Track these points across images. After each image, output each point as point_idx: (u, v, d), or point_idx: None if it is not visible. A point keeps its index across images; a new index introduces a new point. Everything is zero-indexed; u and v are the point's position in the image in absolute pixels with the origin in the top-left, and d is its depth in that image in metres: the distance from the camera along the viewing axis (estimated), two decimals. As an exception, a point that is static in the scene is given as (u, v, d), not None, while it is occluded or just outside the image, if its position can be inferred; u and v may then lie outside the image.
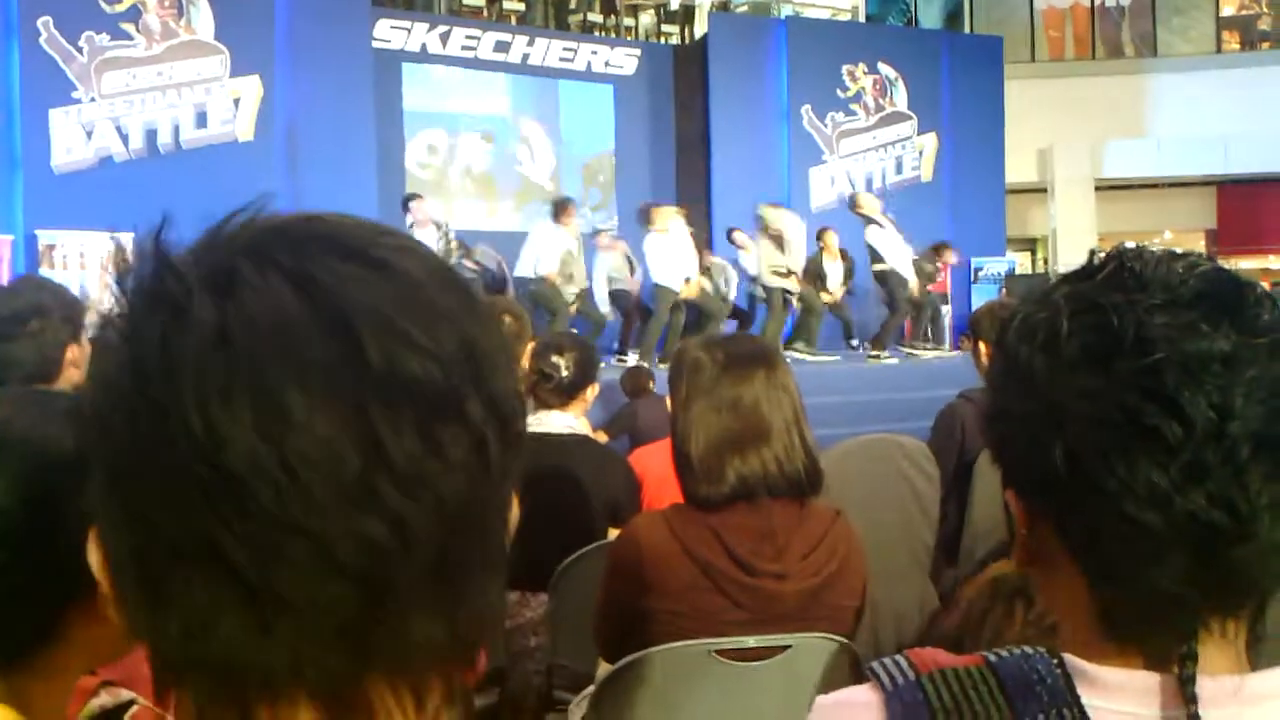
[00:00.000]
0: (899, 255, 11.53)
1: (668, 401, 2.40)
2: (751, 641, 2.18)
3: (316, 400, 0.53)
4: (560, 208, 10.49)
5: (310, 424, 0.53)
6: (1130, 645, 0.83)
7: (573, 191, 13.28)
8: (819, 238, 11.78)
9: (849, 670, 2.23)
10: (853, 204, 12.13)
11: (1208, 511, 0.77)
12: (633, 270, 11.03)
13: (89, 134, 9.93)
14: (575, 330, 8.16)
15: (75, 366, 2.44)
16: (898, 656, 0.90)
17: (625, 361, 10.04)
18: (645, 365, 8.97)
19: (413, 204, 10.20)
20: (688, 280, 10.37)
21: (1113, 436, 0.79)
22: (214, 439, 0.53)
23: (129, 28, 10.15)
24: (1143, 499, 0.78)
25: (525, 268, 10.26)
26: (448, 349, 0.55)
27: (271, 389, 0.53)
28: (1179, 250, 0.87)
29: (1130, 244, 0.88)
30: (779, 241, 11.10)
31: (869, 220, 11.57)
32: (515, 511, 0.64)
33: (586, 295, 10.56)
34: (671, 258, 10.30)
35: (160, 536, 0.55)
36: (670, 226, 10.38)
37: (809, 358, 11.18)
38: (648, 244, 10.42)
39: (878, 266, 11.53)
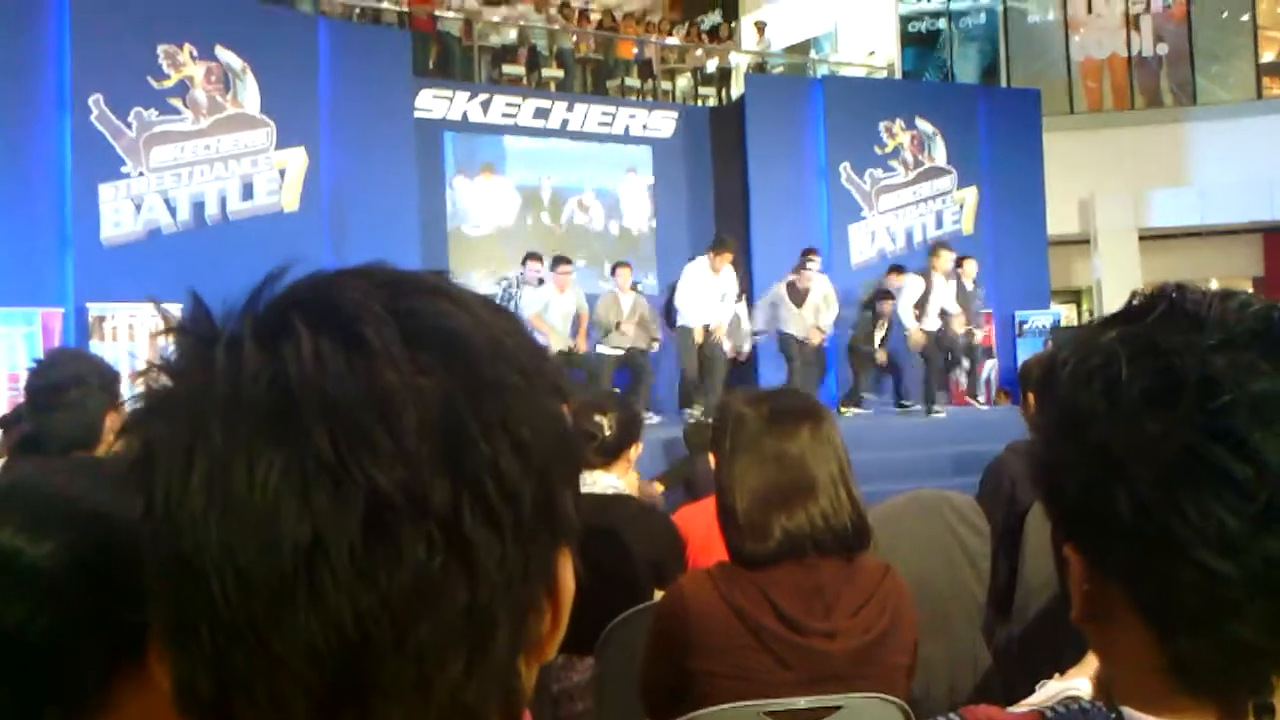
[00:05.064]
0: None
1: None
2: (802, 703, 2.14)
3: (259, 486, 0.52)
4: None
5: (249, 508, 0.52)
6: (1200, 698, 0.79)
7: (615, 253, 13.36)
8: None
9: (903, 730, 2.18)
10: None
11: None
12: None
13: (138, 207, 10.13)
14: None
15: (115, 434, 2.48)
16: (951, 715, 0.87)
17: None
18: (707, 420, 8.96)
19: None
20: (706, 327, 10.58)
21: (1182, 482, 0.76)
22: (172, 522, 0.54)
23: (177, 103, 10.38)
24: (1215, 546, 0.75)
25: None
26: (414, 443, 0.53)
27: (227, 468, 0.53)
28: (1227, 289, 0.85)
29: (1172, 282, 0.87)
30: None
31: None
32: (570, 581, 0.63)
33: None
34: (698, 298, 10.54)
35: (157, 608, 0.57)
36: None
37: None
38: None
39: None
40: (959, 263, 11.95)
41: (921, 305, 11.38)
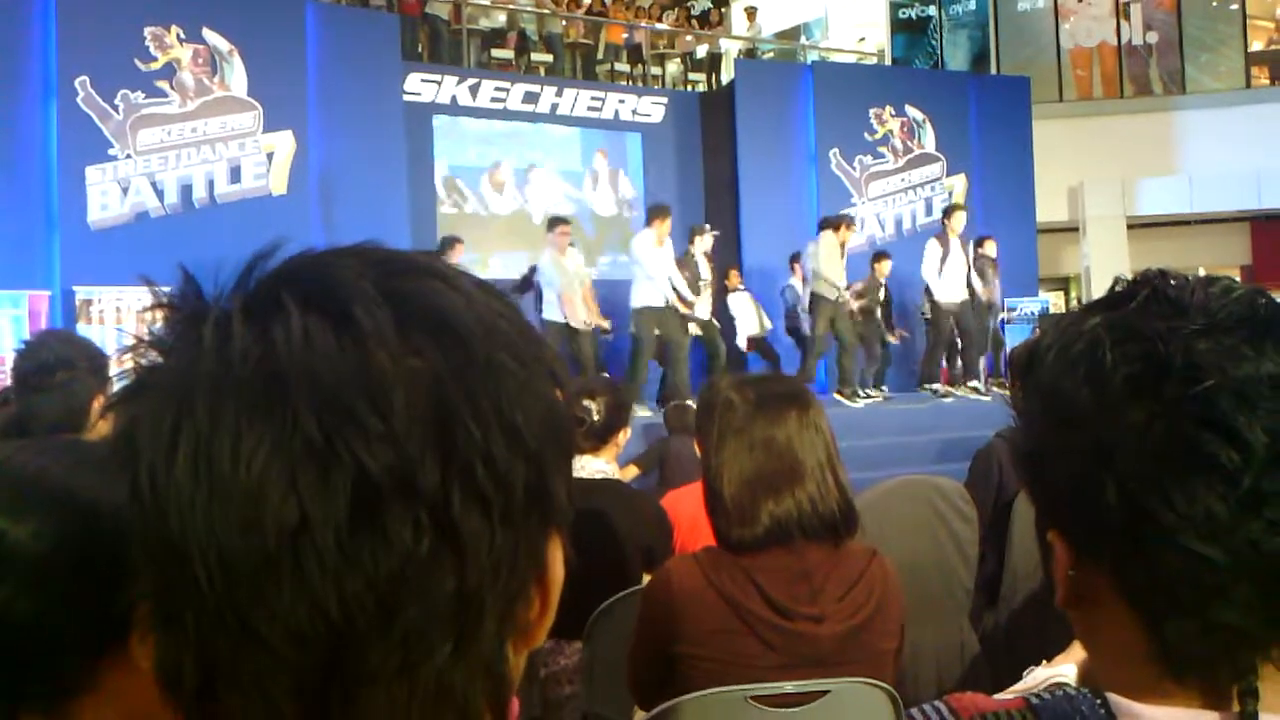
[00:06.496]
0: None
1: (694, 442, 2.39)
2: (789, 687, 2.14)
3: (244, 466, 0.51)
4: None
5: (234, 487, 0.51)
6: (1186, 683, 0.79)
7: (603, 238, 13.33)
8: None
9: (889, 715, 2.18)
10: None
11: (1269, 540, 0.74)
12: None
13: (125, 190, 10.07)
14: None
15: (101, 411, 2.46)
16: (937, 702, 0.87)
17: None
18: (689, 404, 8.94)
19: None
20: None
21: (1168, 468, 0.76)
22: (156, 500, 0.53)
23: (164, 85, 10.31)
24: (1203, 531, 0.75)
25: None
26: (403, 425, 0.52)
27: (212, 447, 0.52)
28: (1210, 275, 0.85)
29: (1155, 268, 0.86)
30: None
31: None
32: (560, 568, 0.62)
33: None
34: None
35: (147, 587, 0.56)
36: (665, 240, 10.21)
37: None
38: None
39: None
40: (980, 242, 12.07)
41: (941, 267, 11.37)
